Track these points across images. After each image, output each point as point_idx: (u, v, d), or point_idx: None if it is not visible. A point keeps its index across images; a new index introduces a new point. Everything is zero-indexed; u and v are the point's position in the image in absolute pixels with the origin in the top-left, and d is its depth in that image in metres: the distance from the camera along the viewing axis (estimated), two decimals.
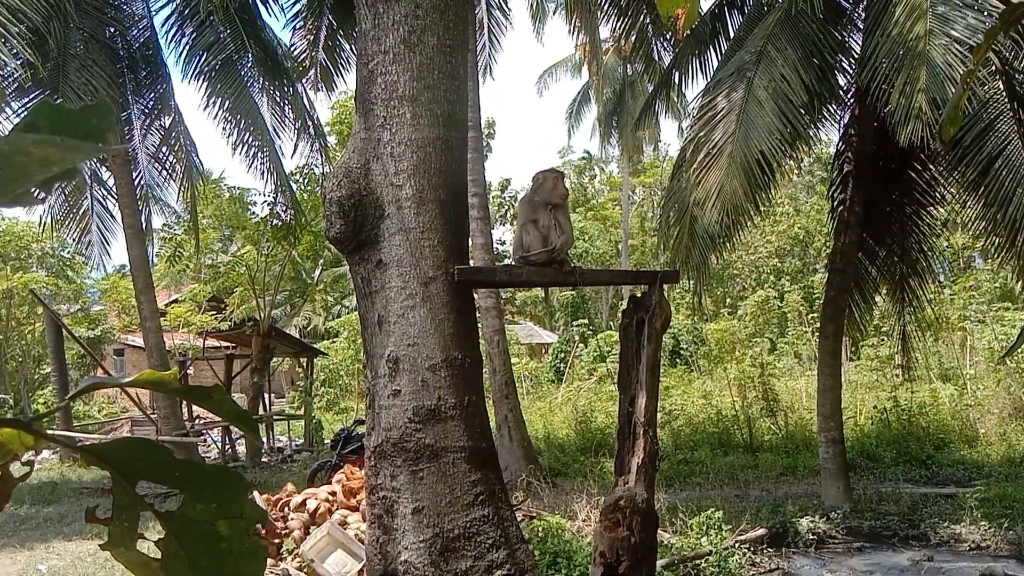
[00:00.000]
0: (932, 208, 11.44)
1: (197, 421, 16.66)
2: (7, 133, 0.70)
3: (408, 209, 4.26)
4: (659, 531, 8.29)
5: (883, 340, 18.13)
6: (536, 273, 4.66)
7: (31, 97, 13.58)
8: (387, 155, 4.31)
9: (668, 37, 12.86)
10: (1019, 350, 11.45)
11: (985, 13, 8.28)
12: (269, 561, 6.99)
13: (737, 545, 8.08)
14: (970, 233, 11.91)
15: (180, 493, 0.86)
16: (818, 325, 12.83)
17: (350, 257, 4.45)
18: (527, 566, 4.14)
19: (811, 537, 8.86)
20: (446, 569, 3.96)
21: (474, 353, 4.42)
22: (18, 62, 12.62)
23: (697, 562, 7.57)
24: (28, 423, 0.79)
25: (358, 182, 4.30)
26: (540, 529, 7.87)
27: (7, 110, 13.51)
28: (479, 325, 13.83)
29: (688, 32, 12.36)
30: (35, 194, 0.70)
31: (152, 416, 15.91)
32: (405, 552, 4.03)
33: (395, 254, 4.25)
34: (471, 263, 12.91)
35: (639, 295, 4.68)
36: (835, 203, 11.15)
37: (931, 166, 11.02)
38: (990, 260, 18.08)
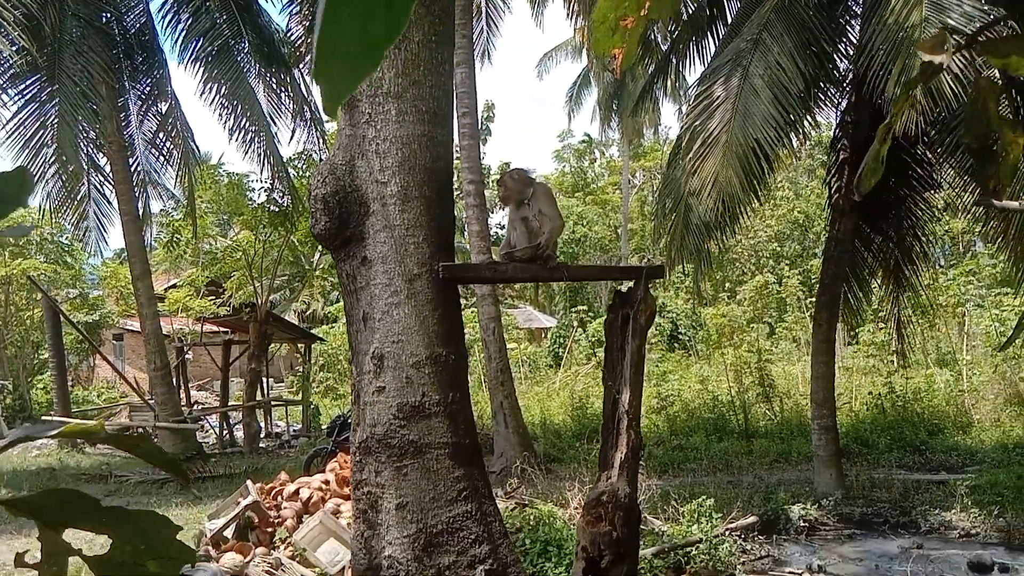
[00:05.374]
0: (929, 194, 11.42)
1: (195, 407, 16.71)
2: None
3: (393, 206, 4.27)
4: (651, 518, 8.35)
5: (881, 326, 18.13)
6: (522, 269, 4.68)
7: (28, 83, 13.54)
8: (372, 152, 4.31)
9: (666, 23, 12.79)
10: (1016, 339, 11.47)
11: (982, 0, 8.22)
12: (262, 550, 7.05)
13: (728, 533, 8.13)
14: (970, 218, 11.89)
15: (108, 536, 0.89)
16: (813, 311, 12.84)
17: (335, 253, 4.47)
18: (509, 560, 4.18)
19: (802, 524, 8.92)
20: (429, 564, 4.00)
21: (459, 350, 4.44)
22: (13, 48, 12.60)
23: (688, 550, 7.60)
24: None
25: (343, 179, 4.31)
26: (532, 517, 7.91)
27: (3, 96, 13.54)
28: (475, 311, 13.88)
29: (685, 17, 12.32)
30: None
31: (150, 402, 15.97)
32: (389, 547, 4.07)
33: (380, 251, 4.27)
34: (470, 249, 12.85)
35: (625, 290, 4.70)
36: (832, 190, 11.14)
37: (928, 153, 11.00)
38: (988, 245, 18.07)
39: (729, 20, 11.66)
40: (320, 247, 22.33)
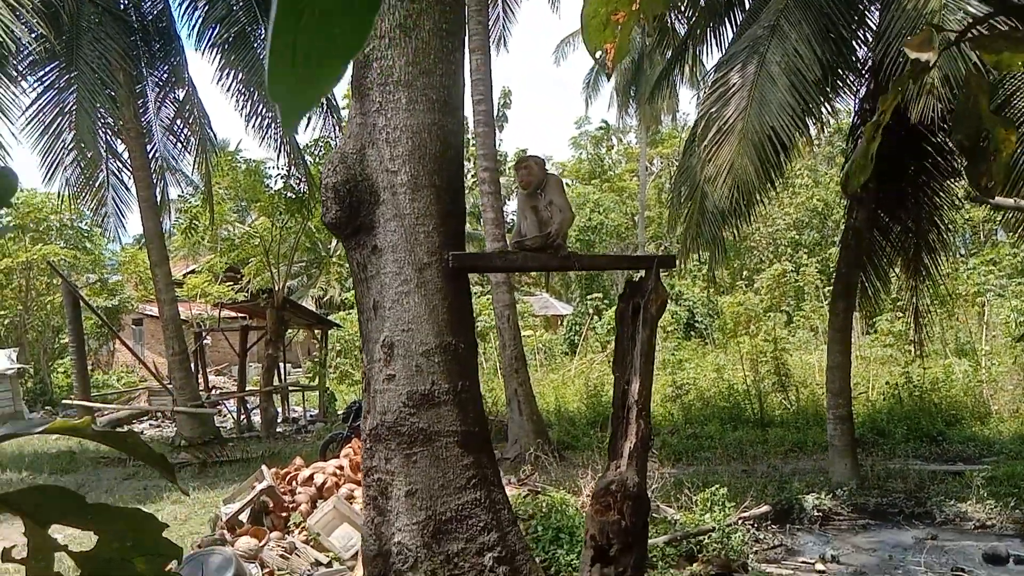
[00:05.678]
0: (948, 182, 11.29)
1: (213, 391, 16.83)
2: None
3: (403, 195, 4.28)
4: (664, 506, 8.36)
5: (899, 315, 17.99)
6: (532, 259, 4.67)
7: (46, 70, 13.64)
8: (382, 141, 4.32)
9: (683, 9, 12.71)
10: None
11: None
12: (276, 534, 7.12)
13: (741, 522, 8.11)
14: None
15: (95, 534, 0.90)
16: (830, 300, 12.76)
17: (346, 242, 4.48)
18: (518, 548, 4.20)
19: (816, 514, 8.88)
20: (438, 551, 4.03)
21: (468, 338, 4.45)
22: (32, 35, 12.68)
23: (700, 538, 7.60)
24: None
25: (354, 168, 4.31)
26: (544, 504, 7.93)
27: (23, 83, 13.65)
28: (490, 299, 13.89)
29: (703, 3, 12.23)
30: None
31: (168, 386, 16.12)
32: (399, 533, 4.10)
33: (390, 240, 4.28)
34: (485, 237, 12.83)
35: (636, 280, 4.68)
36: None
37: (947, 141, 10.86)
38: (1010, 234, 17.87)
39: (747, 6, 11.56)
40: None
